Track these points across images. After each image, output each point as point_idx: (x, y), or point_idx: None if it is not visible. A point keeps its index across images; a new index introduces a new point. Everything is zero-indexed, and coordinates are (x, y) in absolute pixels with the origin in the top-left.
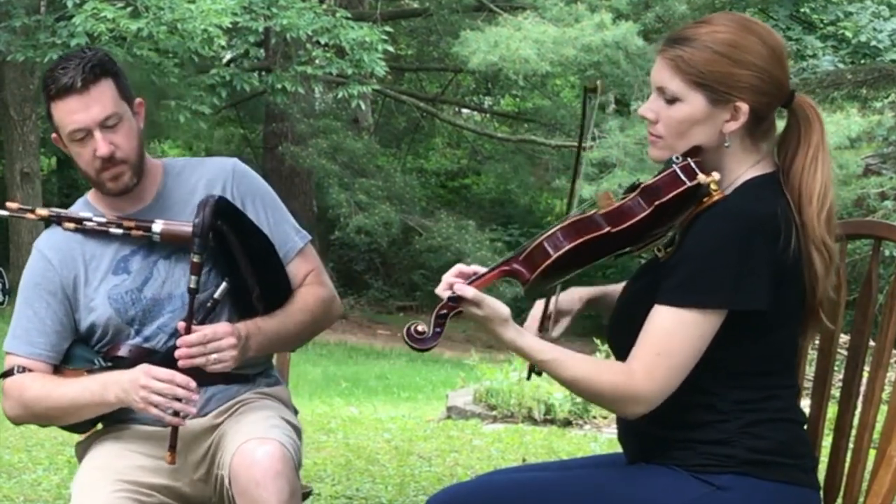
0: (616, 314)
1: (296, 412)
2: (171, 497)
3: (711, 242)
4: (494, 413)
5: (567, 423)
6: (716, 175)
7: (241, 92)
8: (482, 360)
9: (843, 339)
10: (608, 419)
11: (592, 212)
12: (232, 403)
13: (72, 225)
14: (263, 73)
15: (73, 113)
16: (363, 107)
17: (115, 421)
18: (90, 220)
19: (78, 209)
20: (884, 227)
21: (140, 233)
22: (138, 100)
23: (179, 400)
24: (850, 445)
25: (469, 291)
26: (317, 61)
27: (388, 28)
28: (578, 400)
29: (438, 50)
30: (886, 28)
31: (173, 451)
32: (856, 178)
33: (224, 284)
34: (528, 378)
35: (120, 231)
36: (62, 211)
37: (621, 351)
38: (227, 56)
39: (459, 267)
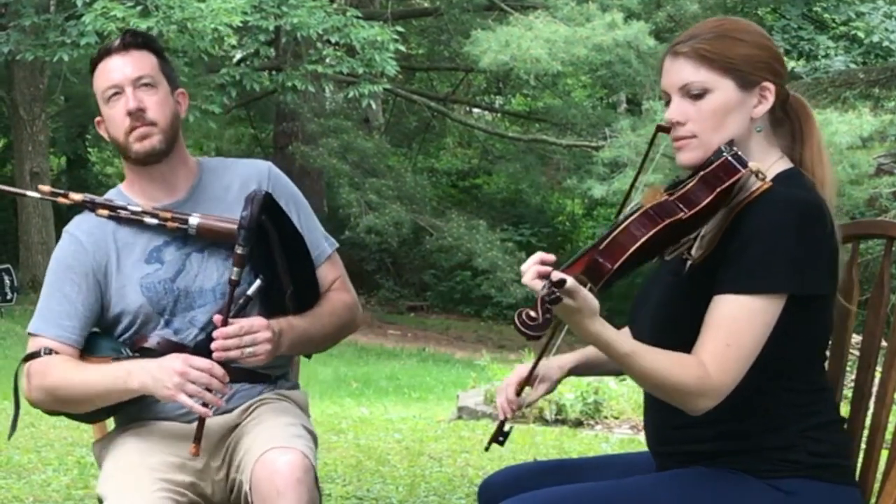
0: (651, 324)
1: (308, 417)
2: (196, 495)
3: (771, 229)
4: None
5: (578, 424)
6: (759, 164)
7: (252, 91)
8: (493, 361)
9: (856, 339)
10: (619, 419)
11: (665, 198)
12: (252, 402)
13: (105, 212)
14: (274, 72)
15: (109, 72)
16: (374, 106)
17: (132, 418)
18: (125, 208)
19: (111, 197)
20: None
21: (175, 225)
22: (181, 90)
23: (210, 391)
24: (863, 446)
25: (568, 279)
26: (327, 60)
27: (398, 27)
28: (590, 400)
29: (449, 49)
30: None
31: (198, 443)
32: (868, 178)
33: (258, 282)
34: (487, 448)
35: (155, 221)
36: (97, 197)
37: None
38: (238, 55)
39: (540, 255)
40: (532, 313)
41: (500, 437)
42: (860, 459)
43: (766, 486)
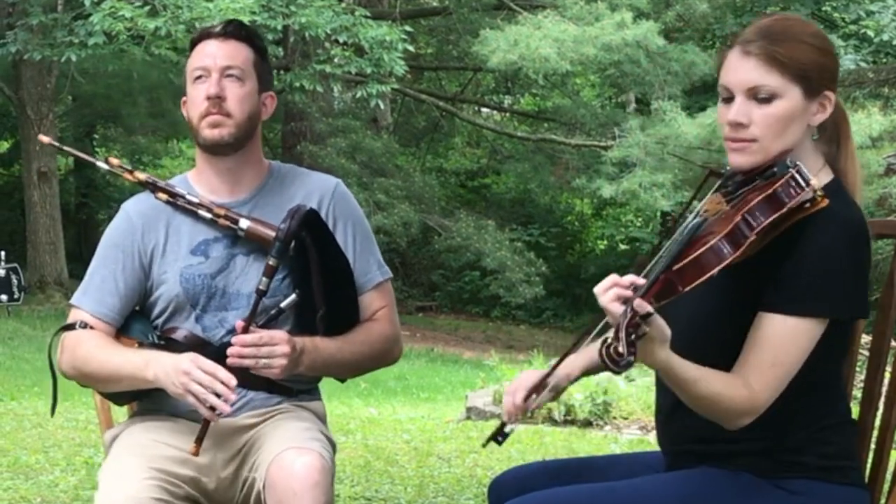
0: (686, 325)
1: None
2: (196, 490)
3: (826, 252)
4: None
5: (587, 424)
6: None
7: None
8: (502, 361)
9: (865, 339)
10: (628, 420)
11: (737, 219)
12: (268, 409)
13: (164, 196)
14: (282, 71)
15: (202, 54)
16: (382, 106)
17: (148, 410)
18: (183, 196)
19: (176, 184)
20: None
21: (227, 223)
22: (271, 93)
23: (217, 396)
24: (872, 446)
25: (648, 308)
26: (336, 60)
27: (407, 27)
28: (598, 401)
29: (458, 49)
30: None
31: (199, 444)
32: (878, 178)
33: (293, 296)
34: (485, 445)
35: (209, 216)
36: (159, 180)
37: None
38: None
39: (615, 277)
40: (620, 349)
41: (499, 436)
42: (869, 460)
43: (771, 486)
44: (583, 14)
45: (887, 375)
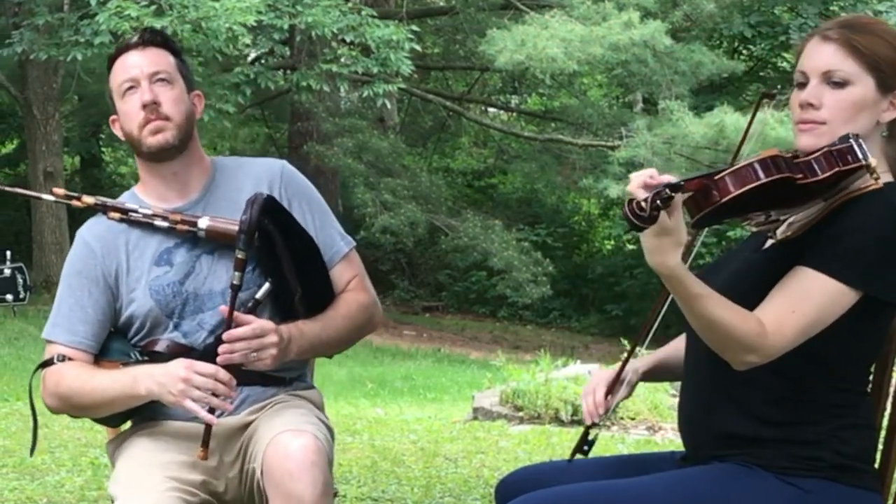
0: (722, 292)
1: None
2: (208, 493)
3: (873, 227)
4: (521, 414)
5: (594, 424)
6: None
7: (266, 90)
8: (509, 361)
9: None
10: (635, 420)
11: (789, 155)
12: (265, 403)
13: (117, 215)
14: (288, 71)
15: (126, 67)
16: (389, 106)
17: (146, 418)
18: (136, 211)
19: (125, 200)
20: None
21: (185, 227)
22: (197, 92)
23: (217, 396)
24: (880, 447)
25: (680, 182)
26: (342, 59)
27: (414, 26)
28: None
29: (465, 48)
30: None
31: (206, 447)
32: None
33: (267, 285)
34: (571, 460)
35: (165, 224)
36: (108, 200)
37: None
38: (252, 54)
39: (653, 171)
40: (644, 205)
41: (584, 445)
42: (877, 461)
43: (783, 483)
44: (590, 14)
45: (895, 376)
